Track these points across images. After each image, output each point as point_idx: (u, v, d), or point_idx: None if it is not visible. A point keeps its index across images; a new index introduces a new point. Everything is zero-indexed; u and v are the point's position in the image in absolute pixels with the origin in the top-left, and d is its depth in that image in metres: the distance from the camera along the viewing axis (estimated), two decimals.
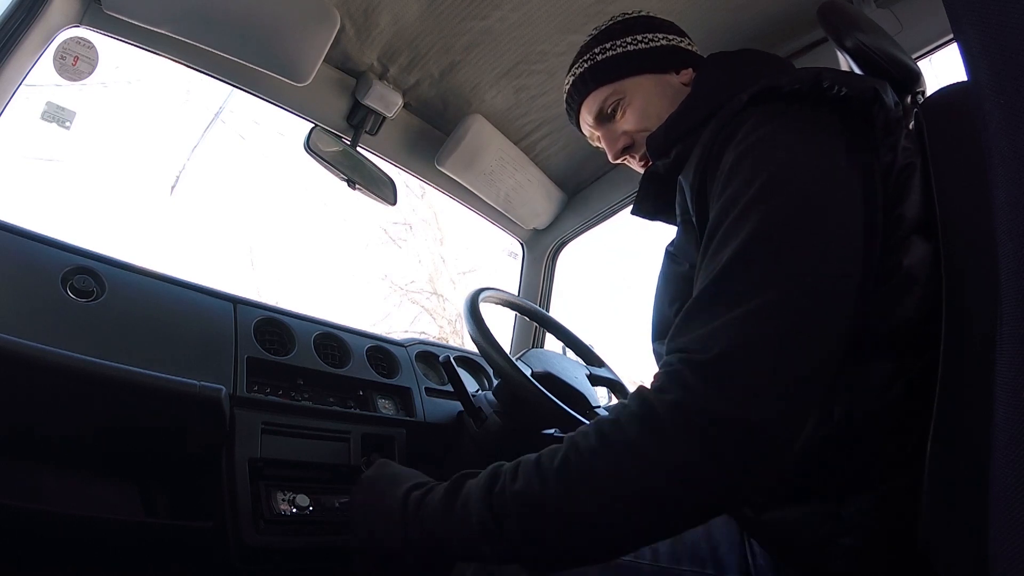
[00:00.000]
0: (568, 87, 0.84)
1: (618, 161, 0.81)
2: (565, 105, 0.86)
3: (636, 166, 0.80)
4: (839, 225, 0.50)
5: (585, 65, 0.80)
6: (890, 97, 0.58)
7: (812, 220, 0.50)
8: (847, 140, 0.55)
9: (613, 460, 0.46)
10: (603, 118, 0.80)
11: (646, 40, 0.79)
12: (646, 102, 0.77)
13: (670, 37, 0.80)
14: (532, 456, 0.51)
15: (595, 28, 0.84)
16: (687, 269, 0.65)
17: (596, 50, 0.80)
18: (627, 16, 0.83)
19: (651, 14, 0.84)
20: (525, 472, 0.50)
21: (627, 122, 0.78)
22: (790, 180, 0.52)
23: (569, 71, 0.83)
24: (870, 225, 0.52)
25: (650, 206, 0.77)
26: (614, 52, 0.79)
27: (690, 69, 0.79)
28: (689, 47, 0.82)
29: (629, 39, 0.79)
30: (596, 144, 0.85)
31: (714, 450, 0.43)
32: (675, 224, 0.69)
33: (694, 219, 0.61)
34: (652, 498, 0.45)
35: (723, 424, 0.43)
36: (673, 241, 0.70)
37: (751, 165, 0.54)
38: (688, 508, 0.45)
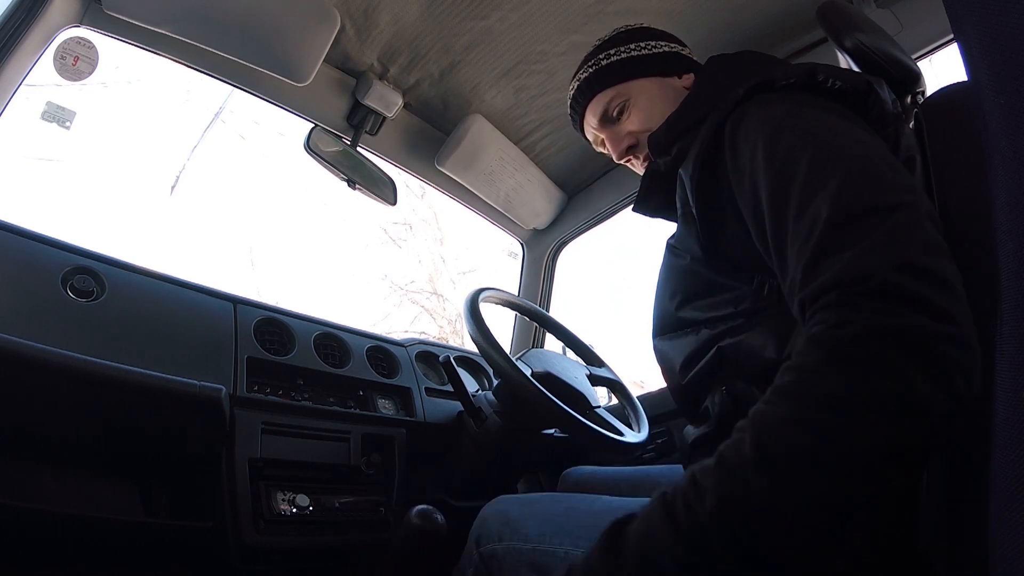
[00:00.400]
0: (573, 91, 0.85)
1: (622, 161, 0.82)
2: (569, 110, 0.87)
3: (639, 168, 0.81)
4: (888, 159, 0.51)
5: (590, 70, 0.82)
6: (885, 92, 0.58)
7: (863, 144, 0.50)
8: (851, 121, 0.55)
9: (823, 421, 0.39)
10: (608, 120, 0.81)
11: (648, 47, 0.81)
12: (650, 103, 0.78)
13: (671, 45, 0.83)
14: (699, 469, 0.43)
15: (598, 39, 0.85)
16: (688, 262, 0.66)
17: (600, 56, 0.82)
18: (629, 27, 0.86)
19: (651, 25, 0.86)
20: (707, 486, 0.41)
21: (632, 123, 0.79)
22: (818, 132, 0.52)
23: (573, 77, 0.85)
24: None
25: (651, 203, 0.78)
26: (618, 57, 0.81)
27: (691, 74, 0.81)
28: (690, 55, 0.84)
29: (632, 45, 0.81)
30: (600, 149, 0.86)
31: (929, 365, 0.39)
32: (675, 220, 0.70)
33: (694, 211, 0.62)
34: (880, 444, 0.39)
35: (928, 336, 0.39)
36: (674, 235, 0.71)
37: (769, 141, 0.54)
38: (921, 439, 0.39)
